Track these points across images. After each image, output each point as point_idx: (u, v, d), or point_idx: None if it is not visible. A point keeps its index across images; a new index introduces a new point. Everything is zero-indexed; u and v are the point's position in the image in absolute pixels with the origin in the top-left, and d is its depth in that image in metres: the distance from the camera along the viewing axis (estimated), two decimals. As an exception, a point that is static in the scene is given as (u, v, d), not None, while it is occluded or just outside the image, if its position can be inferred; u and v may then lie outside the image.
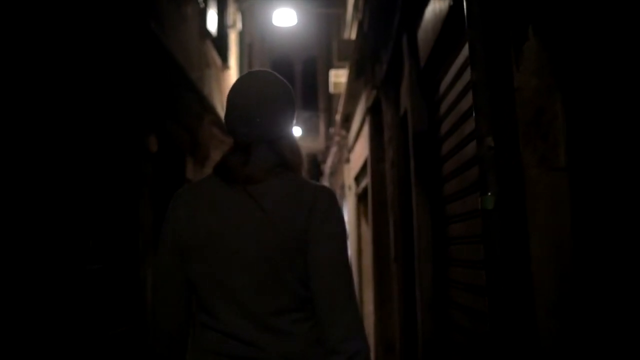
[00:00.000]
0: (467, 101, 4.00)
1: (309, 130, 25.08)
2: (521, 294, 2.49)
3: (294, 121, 2.03)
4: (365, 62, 8.94)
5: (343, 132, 14.04)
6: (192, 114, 8.90)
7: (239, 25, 13.49)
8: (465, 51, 4.02)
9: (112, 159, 5.91)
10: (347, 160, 14.29)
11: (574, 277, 2.28)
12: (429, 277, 5.40)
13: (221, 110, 10.96)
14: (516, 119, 2.37)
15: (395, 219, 7.15)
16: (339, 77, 12.56)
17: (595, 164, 2.26)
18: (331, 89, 13.09)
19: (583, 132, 2.28)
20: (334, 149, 17.12)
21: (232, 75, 12.87)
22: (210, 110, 9.63)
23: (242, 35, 14.47)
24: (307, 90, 27.59)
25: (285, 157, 1.93)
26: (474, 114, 2.77)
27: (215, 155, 10.81)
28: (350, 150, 13.35)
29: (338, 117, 13.48)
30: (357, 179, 12.39)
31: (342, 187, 15.62)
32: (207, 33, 10.12)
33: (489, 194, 2.64)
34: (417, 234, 5.57)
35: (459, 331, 4.74)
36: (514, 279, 2.56)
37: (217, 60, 11.03)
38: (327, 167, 20.95)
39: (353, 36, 10.10)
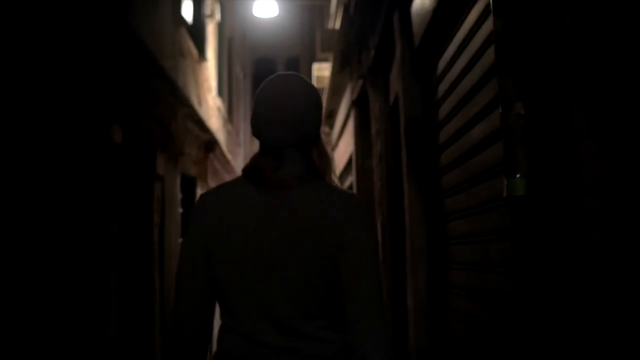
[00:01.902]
0: (474, 75, 3.43)
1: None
2: (569, 307, 1.90)
3: (322, 125, 2.00)
4: (350, 51, 8.37)
5: (326, 130, 13.48)
6: (165, 106, 8.25)
7: (218, 16, 12.83)
8: (472, 16, 3.44)
9: (66, 148, 5.27)
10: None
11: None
12: (424, 281, 4.83)
13: (197, 103, 10.33)
14: (564, 71, 1.77)
15: (383, 218, 6.57)
16: (322, 71, 11.98)
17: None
18: (314, 83, 12.48)
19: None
20: (316, 148, 16.50)
21: (210, 68, 12.21)
22: (185, 102, 8.97)
23: (221, 27, 13.83)
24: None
25: (315, 163, 1.92)
26: (496, 76, 2.17)
27: (191, 151, 10.20)
28: (334, 148, 12.80)
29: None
30: (341, 177, 11.83)
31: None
32: (182, 20, 9.47)
33: (518, 176, 2.05)
34: (409, 233, 4.99)
35: (459, 342, 4.18)
36: (555, 285, 1.97)
37: (194, 50, 10.38)
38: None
39: (337, 26, 9.55)
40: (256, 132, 1.92)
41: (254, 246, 1.83)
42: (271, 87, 1.93)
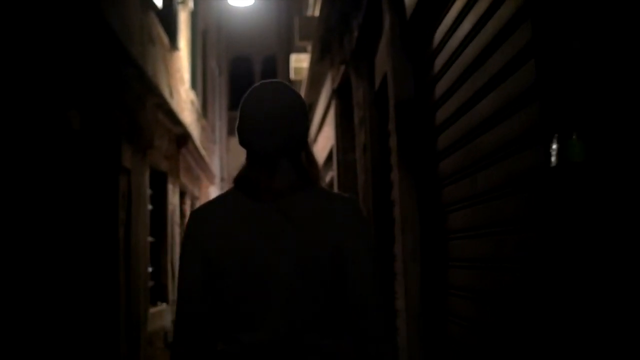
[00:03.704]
0: (485, 35, 2.90)
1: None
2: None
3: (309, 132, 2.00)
4: (331, 36, 7.85)
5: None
6: (132, 94, 7.65)
7: (191, 4, 12.20)
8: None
9: (16, 131, 4.67)
10: (309, 155, 13.17)
11: None
12: (417, 281, 4.30)
13: (168, 94, 9.74)
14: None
15: (368, 213, 6.04)
16: (300, 62, 11.44)
17: None
18: (292, 75, 11.91)
19: None
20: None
21: (183, 58, 11.59)
22: (155, 91, 8.37)
23: (194, 17, 13.20)
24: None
25: (306, 170, 1.91)
26: (533, 12, 1.64)
27: (161, 145, 9.60)
28: (313, 142, 12.28)
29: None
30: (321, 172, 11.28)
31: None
32: (151, 4, 8.86)
33: (574, 137, 1.51)
34: (400, 228, 4.46)
35: (459, 351, 3.67)
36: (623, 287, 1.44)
37: (164, 38, 9.77)
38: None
39: (317, 13, 9.03)
40: (244, 140, 1.90)
41: (255, 257, 1.82)
42: (257, 95, 1.91)
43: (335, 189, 8.41)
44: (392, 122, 4.61)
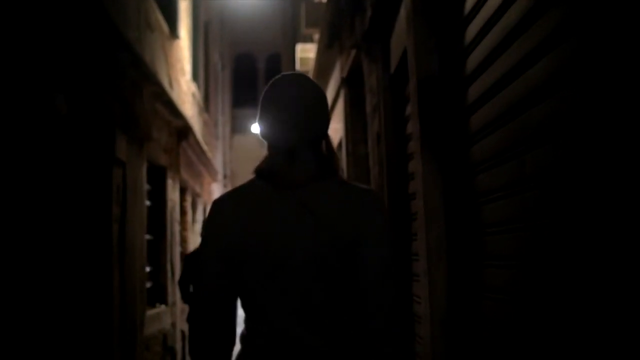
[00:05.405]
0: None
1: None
2: None
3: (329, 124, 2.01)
4: (341, 19, 7.37)
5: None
6: (127, 81, 7.16)
7: (191, -8, 11.76)
8: None
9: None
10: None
11: None
12: (443, 283, 3.80)
13: (168, 84, 9.24)
14: None
15: (382, 208, 5.53)
16: (306, 52, 10.96)
17: None
18: (297, 66, 11.42)
19: None
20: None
21: (184, 48, 11.08)
22: (152, 79, 7.89)
23: (196, 6, 12.67)
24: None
25: (326, 160, 1.94)
26: None
27: (160, 137, 9.13)
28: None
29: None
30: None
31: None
32: (149, -12, 8.40)
33: None
34: (423, 223, 3.96)
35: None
36: None
37: (163, 25, 9.28)
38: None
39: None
40: (266, 133, 1.93)
41: (274, 246, 1.84)
42: (279, 88, 1.93)
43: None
44: (414, 105, 4.11)
